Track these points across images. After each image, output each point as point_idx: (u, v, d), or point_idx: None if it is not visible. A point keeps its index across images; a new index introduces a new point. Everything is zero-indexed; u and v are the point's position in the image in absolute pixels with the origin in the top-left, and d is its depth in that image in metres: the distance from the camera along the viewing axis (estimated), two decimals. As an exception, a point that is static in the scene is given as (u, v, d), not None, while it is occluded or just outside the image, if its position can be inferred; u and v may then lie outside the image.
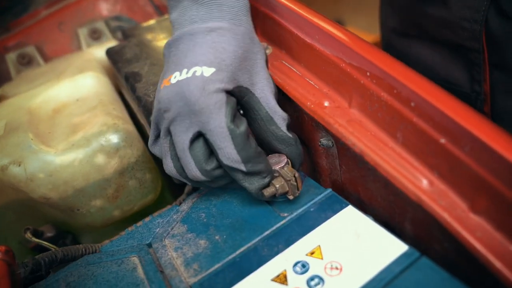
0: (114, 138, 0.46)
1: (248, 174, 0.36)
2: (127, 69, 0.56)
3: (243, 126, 0.35)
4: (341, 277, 0.31)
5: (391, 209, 0.36)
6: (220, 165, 0.37)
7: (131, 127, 0.48)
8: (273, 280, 0.32)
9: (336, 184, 0.43)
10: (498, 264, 0.26)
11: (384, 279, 0.30)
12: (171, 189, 0.60)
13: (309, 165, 0.48)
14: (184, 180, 0.40)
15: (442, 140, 0.29)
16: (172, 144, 0.38)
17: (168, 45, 0.40)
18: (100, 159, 0.45)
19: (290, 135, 0.39)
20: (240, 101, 0.38)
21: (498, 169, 0.26)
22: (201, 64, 0.35)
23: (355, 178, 0.39)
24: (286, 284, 0.31)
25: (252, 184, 0.36)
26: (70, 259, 0.42)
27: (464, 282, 0.28)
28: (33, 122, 0.49)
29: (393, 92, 0.33)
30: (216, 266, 0.35)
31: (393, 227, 0.36)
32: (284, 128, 0.39)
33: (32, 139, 0.45)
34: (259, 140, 0.40)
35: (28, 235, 0.47)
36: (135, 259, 0.38)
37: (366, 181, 0.37)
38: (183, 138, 0.36)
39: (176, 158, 0.38)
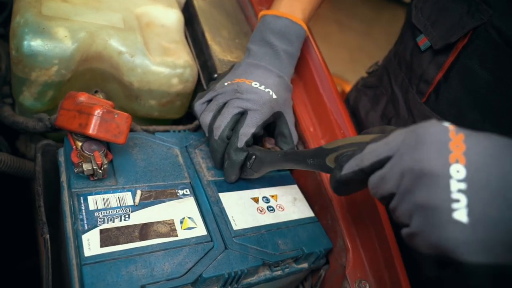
0: (188, 73, 0.70)
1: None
2: (203, 29, 0.79)
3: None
4: (283, 212, 0.63)
5: (316, 199, 0.69)
6: (229, 135, 0.60)
7: (196, 70, 0.72)
8: (251, 198, 0.62)
9: (292, 172, 0.76)
10: None
11: (300, 222, 0.63)
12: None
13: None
14: (205, 129, 0.62)
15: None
16: (219, 108, 0.62)
17: (248, 64, 0.65)
18: (175, 81, 0.69)
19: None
20: (276, 120, 0.66)
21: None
22: (273, 90, 0.63)
23: (301, 172, 0.71)
24: (257, 203, 0.62)
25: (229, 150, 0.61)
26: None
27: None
28: (139, 28, 0.70)
29: (348, 148, 0.66)
30: (223, 178, 0.64)
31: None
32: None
33: (143, 44, 0.66)
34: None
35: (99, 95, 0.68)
36: (177, 151, 0.64)
37: (307, 178, 0.70)
38: (232, 110, 0.61)
39: (215, 115, 0.62)
